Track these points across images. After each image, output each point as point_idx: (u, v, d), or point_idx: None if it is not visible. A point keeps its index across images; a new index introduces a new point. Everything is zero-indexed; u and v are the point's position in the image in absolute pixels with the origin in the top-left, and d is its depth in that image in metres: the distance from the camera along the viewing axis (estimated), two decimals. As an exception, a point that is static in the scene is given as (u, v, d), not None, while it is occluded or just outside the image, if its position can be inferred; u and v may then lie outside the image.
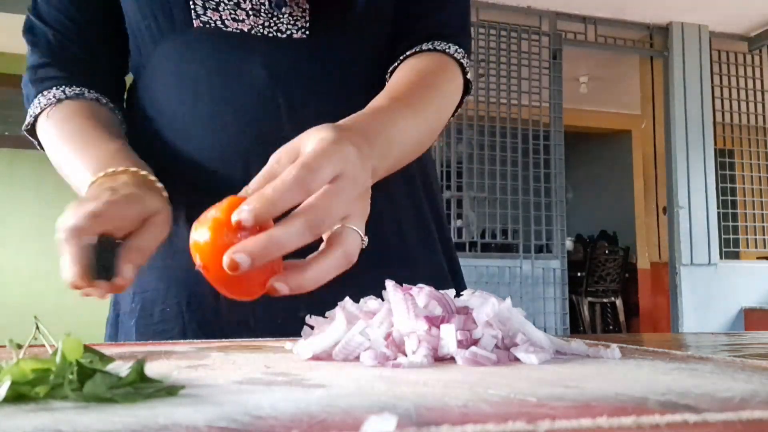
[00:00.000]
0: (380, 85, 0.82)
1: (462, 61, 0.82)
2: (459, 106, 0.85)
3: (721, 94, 5.42)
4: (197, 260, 0.47)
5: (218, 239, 0.46)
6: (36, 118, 0.81)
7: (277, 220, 0.47)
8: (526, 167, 4.81)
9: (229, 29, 0.78)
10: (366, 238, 0.54)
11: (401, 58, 0.82)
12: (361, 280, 0.65)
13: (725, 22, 5.26)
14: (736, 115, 5.44)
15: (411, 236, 0.86)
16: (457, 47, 0.82)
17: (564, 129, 4.96)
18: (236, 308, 0.71)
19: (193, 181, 0.78)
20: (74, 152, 0.74)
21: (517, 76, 4.86)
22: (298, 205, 0.48)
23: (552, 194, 4.87)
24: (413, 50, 0.81)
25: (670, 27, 5.26)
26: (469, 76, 0.84)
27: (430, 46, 0.81)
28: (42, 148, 0.82)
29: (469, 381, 0.37)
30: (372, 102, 0.71)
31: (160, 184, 0.69)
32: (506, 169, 4.79)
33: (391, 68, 0.82)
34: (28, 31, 0.84)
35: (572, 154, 6.05)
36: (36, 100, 0.80)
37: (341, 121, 0.62)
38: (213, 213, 0.47)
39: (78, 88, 0.81)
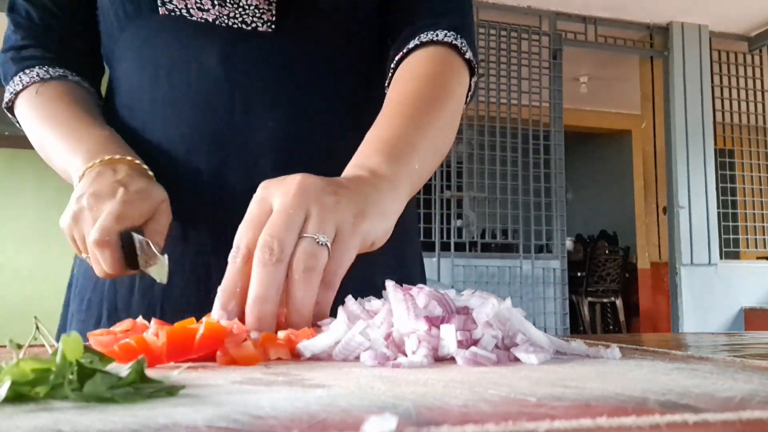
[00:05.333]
0: (350, 85, 0.82)
1: (456, 43, 0.77)
2: (471, 91, 0.81)
3: (721, 94, 5.41)
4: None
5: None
6: (16, 95, 0.81)
7: None
8: (526, 167, 4.81)
9: (194, 18, 0.78)
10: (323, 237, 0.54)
11: (397, 59, 0.78)
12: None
13: (725, 22, 5.26)
14: (736, 115, 5.44)
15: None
16: (446, 32, 0.77)
17: (564, 129, 4.96)
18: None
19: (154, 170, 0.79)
20: (63, 136, 0.75)
21: (517, 76, 4.86)
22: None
23: (552, 194, 4.87)
24: (402, 53, 0.78)
25: (670, 27, 5.26)
26: (467, 56, 0.79)
27: (417, 41, 0.77)
28: (20, 125, 0.82)
29: (469, 381, 0.37)
30: (383, 123, 0.70)
31: (150, 172, 0.72)
32: (506, 169, 4.79)
33: (391, 67, 0.79)
34: (11, 9, 0.84)
35: (572, 154, 6.05)
36: (17, 78, 0.80)
37: (359, 151, 0.66)
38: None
39: (61, 70, 0.81)
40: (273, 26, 0.79)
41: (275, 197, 0.55)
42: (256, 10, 0.78)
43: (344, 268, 0.54)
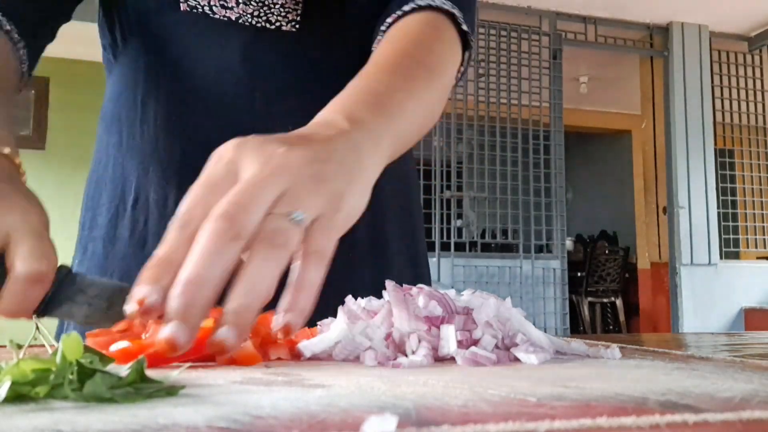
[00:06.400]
0: (345, 84, 0.78)
1: (452, 11, 0.72)
2: (463, 67, 0.76)
3: (721, 94, 5.41)
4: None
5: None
6: None
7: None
8: (526, 167, 4.81)
9: (217, 16, 0.77)
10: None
11: (383, 28, 0.73)
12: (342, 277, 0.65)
13: (725, 22, 5.26)
14: (736, 115, 5.44)
15: (393, 233, 0.84)
16: (449, 2, 0.72)
17: (564, 129, 4.96)
18: None
19: (164, 166, 0.77)
20: None
21: (517, 76, 4.86)
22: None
23: (552, 194, 4.87)
24: (395, 15, 0.72)
25: (670, 27, 5.26)
26: (464, 27, 0.73)
27: (414, 5, 0.72)
28: None
29: (469, 381, 0.37)
30: (367, 76, 0.62)
31: (24, 172, 0.54)
32: (506, 169, 4.79)
33: (375, 40, 0.75)
34: None
35: (572, 154, 6.05)
36: None
37: (336, 99, 0.57)
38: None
39: None
40: (297, 26, 0.78)
41: (247, 163, 0.43)
42: (282, 9, 0.78)
43: (330, 249, 0.43)
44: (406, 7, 0.72)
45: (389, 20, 0.72)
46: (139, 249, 0.76)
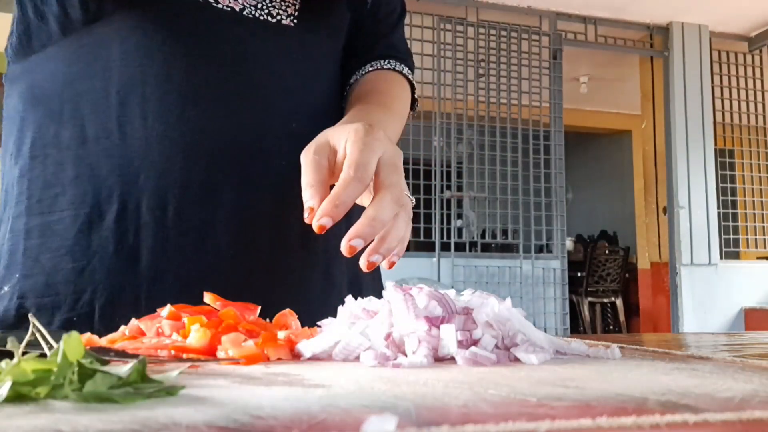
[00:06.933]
0: (336, 83, 0.88)
1: (411, 80, 0.92)
2: (412, 114, 0.96)
3: (721, 94, 5.41)
4: None
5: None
6: None
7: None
8: (526, 167, 4.81)
9: (220, 6, 0.75)
10: (413, 199, 0.66)
11: (363, 72, 0.89)
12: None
13: (725, 22, 5.25)
14: (736, 115, 5.44)
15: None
16: (408, 69, 0.93)
17: (564, 129, 4.95)
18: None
19: (160, 173, 0.72)
20: None
21: (517, 76, 4.86)
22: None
23: (552, 194, 4.86)
24: (375, 67, 0.90)
25: (670, 27, 5.25)
26: (416, 95, 0.94)
27: (389, 66, 0.90)
28: None
29: (469, 381, 0.37)
30: (361, 107, 0.79)
31: None
32: (506, 169, 4.79)
33: (352, 79, 0.89)
34: None
35: (572, 154, 6.05)
36: None
37: (350, 116, 0.75)
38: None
39: None
40: (295, 21, 0.80)
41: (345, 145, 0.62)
42: (283, 3, 0.79)
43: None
44: (385, 65, 0.90)
45: (369, 68, 0.89)
46: (131, 262, 0.71)
